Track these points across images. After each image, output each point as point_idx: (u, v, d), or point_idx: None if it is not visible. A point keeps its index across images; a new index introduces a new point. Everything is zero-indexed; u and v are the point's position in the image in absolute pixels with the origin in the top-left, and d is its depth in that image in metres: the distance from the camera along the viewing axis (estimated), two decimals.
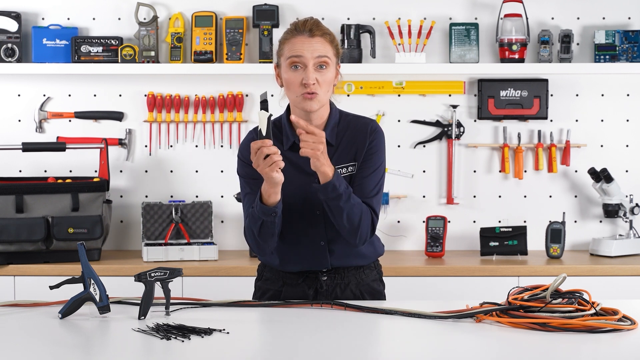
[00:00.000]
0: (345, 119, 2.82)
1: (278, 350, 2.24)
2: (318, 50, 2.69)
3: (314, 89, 2.68)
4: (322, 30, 2.73)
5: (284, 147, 2.77)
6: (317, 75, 2.69)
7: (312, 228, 2.77)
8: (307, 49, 2.69)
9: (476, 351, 2.27)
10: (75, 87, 4.25)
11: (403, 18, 4.21)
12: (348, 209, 2.68)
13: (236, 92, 4.24)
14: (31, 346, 2.28)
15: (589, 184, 4.27)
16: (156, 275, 2.56)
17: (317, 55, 2.69)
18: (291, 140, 2.77)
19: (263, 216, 2.67)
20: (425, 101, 4.28)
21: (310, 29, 2.71)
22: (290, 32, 2.74)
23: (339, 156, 2.77)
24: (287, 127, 2.79)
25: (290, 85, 2.72)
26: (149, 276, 2.55)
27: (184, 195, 4.26)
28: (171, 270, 2.58)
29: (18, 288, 3.80)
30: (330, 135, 2.76)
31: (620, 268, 3.89)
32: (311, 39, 2.70)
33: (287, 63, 2.71)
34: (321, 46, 2.70)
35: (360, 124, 2.81)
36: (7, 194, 3.89)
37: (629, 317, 2.42)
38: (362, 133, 2.79)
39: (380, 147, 2.80)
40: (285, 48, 2.73)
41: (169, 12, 4.24)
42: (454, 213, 4.29)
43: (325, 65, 2.70)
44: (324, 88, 2.70)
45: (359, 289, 2.85)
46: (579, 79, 4.29)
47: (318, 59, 2.69)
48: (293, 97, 2.74)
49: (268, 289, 2.87)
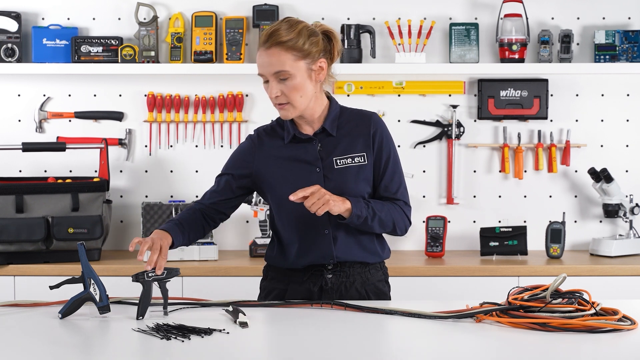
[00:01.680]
0: (346, 112, 2.86)
1: (278, 350, 2.24)
2: (273, 65, 2.70)
3: (280, 100, 2.73)
4: (278, 37, 2.71)
5: (285, 141, 2.82)
6: (281, 87, 2.72)
7: (316, 217, 2.75)
8: (264, 65, 2.72)
9: (476, 351, 2.27)
10: (75, 87, 4.25)
11: (403, 18, 4.21)
12: (378, 222, 2.77)
13: (236, 92, 4.24)
14: (31, 346, 2.28)
15: (589, 184, 4.27)
16: (153, 275, 2.56)
17: (273, 69, 2.71)
18: (291, 134, 2.82)
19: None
20: (425, 101, 4.29)
21: (265, 41, 2.73)
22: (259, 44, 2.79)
23: (344, 147, 2.80)
24: (287, 123, 2.83)
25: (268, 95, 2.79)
26: (146, 276, 2.56)
27: (184, 195, 4.26)
28: (169, 270, 2.58)
29: (18, 288, 3.80)
30: (331, 126, 2.80)
31: (620, 268, 3.89)
32: (267, 51, 2.72)
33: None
34: (276, 59, 2.70)
35: (362, 115, 2.86)
36: (7, 194, 3.89)
37: (629, 317, 2.42)
38: (365, 123, 2.83)
39: (386, 135, 2.84)
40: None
41: (169, 12, 4.24)
42: (454, 213, 4.29)
43: (285, 77, 2.71)
44: (292, 96, 2.72)
45: (364, 288, 2.85)
46: (579, 79, 4.29)
47: (275, 74, 2.71)
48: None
49: (273, 288, 2.88)
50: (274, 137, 2.85)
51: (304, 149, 2.80)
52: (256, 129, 2.91)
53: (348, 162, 2.78)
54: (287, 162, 2.80)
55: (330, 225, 2.78)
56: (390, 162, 2.83)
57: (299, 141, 2.81)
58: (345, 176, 2.77)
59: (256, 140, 2.87)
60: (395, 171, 2.85)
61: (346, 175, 2.77)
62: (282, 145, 2.82)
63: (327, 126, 2.80)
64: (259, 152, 2.84)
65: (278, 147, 2.83)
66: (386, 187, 2.83)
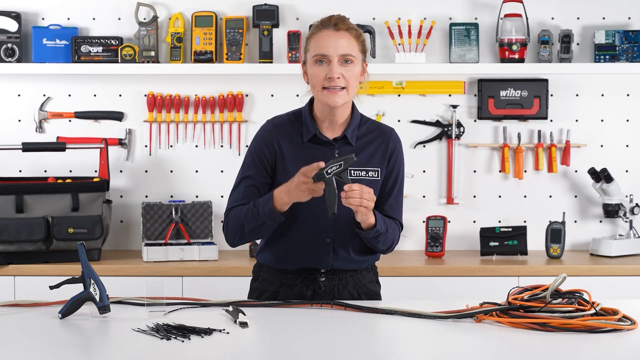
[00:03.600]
0: (365, 122, 2.84)
1: (278, 350, 2.24)
2: (342, 45, 2.70)
3: (338, 82, 2.69)
4: (348, 25, 2.74)
5: (304, 139, 2.78)
6: (342, 70, 2.70)
7: (321, 223, 2.75)
8: (332, 44, 2.70)
9: (476, 351, 2.27)
10: (75, 87, 4.25)
11: (403, 18, 4.21)
12: (384, 239, 2.77)
13: (236, 92, 4.24)
14: (31, 346, 2.28)
15: (589, 184, 4.27)
16: (334, 170, 2.56)
17: (342, 51, 2.70)
18: (312, 133, 2.78)
19: (267, 219, 2.68)
20: (425, 101, 4.29)
21: (336, 24, 2.73)
22: (316, 28, 2.77)
23: (362, 159, 2.77)
24: (308, 120, 2.79)
25: (314, 79, 2.73)
26: (326, 173, 2.55)
27: (184, 195, 4.26)
28: (345, 160, 2.57)
29: (18, 288, 3.80)
30: (352, 135, 2.79)
31: (620, 268, 3.89)
32: (336, 33, 2.71)
33: (313, 59, 2.73)
34: (346, 41, 2.71)
35: (382, 129, 2.84)
36: (7, 194, 3.89)
37: (629, 317, 2.42)
38: (385, 139, 2.82)
39: (401, 155, 2.85)
40: (311, 44, 2.75)
41: (169, 12, 4.24)
42: (454, 213, 4.29)
43: (350, 60, 2.71)
44: (352, 81, 2.71)
45: (356, 290, 2.85)
46: (579, 79, 4.29)
47: (343, 55, 2.70)
48: (317, 92, 2.74)
49: (265, 289, 2.86)
50: (291, 131, 2.79)
51: (321, 152, 2.76)
52: (270, 120, 2.84)
53: (362, 175, 2.77)
54: (303, 161, 2.71)
55: (332, 234, 2.77)
56: (398, 183, 2.84)
57: (317, 142, 2.77)
58: None
59: (272, 128, 2.80)
60: (400, 191, 2.86)
61: None
62: (300, 142, 2.78)
63: (348, 134, 2.77)
64: (278, 137, 2.78)
65: (296, 143, 2.78)
66: (391, 207, 2.83)
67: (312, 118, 2.79)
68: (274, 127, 2.81)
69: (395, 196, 2.84)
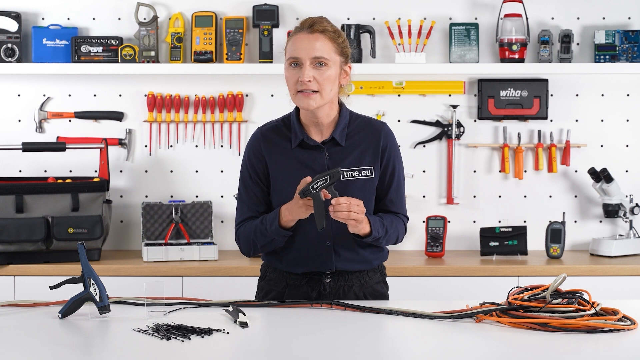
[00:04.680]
0: (355, 120, 2.82)
1: (278, 350, 2.24)
2: (315, 48, 2.68)
3: (310, 86, 2.68)
4: (324, 27, 2.71)
5: (292, 145, 2.77)
6: (314, 73, 2.68)
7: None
8: (303, 47, 2.68)
9: (476, 351, 2.27)
10: (75, 87, 4.25)
11: (403, 18, 4.21)
12: (386, 239, 2.79)
13: (236, 92, 4.24)
14: (31, 346, 2.28)
15: (589, 184, 4.27)
16: (319, 185, 2.58)
17: (314, 54, 2.68)
18: (300, 138, 2.77)
19: (276, 236, 2.71)
20: (425, 101, 4.28)
21: (311, 25, 2.70)
22: (294, 30, 2.76)
23: (353, 159, 2.77)
24: (296, 126, 2.79)
25: (288, 82, 2.73)
26: (312, 189, 2.57)
27: (184, 195, 4.26)
28: (330, 175, 2.59)
29: (18, 288, 3.80)
30: (340, 136, 2.77)
31: (620, 268, 3.89)
32: (310, 36, 2.69)
33: (287, 62, 2.73)
34: (320, 44, 2.69)
35: (372, 126, 2.82)
36: (7, 194, 3.88)
37: (629, 317, 2.42)
38: (375, 135, 2.80)
39: (395, 149, 2.83)
40: (288, 46, 2.74)
41: (169, 12, 4.24)
42: (454, 213, 4.29)
43: (324, 63, 2.69)
44: (324, 84, 2.69)
45: (362, 291, 2.84)
46: (579, 79, 4.29)
47: (315, 57, 2.68)
48: (292, 96, 2.74)
49: (271, 289, 2.86)
50: (280, 137, 2.80)
51: (311, 156, 2.76)
52: (259, 128, 2.85)
53: (355, 175, 2.76)
54: (294, 168, 2.74)
55: (332, 237, 2.77)
56: (396, 177, 2.82)
57: (306, 147, 2.77)
58: (351, 188, 2.74)
59: (260, 137, 2.81)
60: (399, 184, 2.84)
61: (352, 187, 2.75)
62: (290, 148, 2.78)
63: (336, 136, 2.76)
64: (267, 147, 2.79)
65: (285, 149, 2.78)
66: (392, 201, 2.83)
67: (300, 123, 2.79)
68: (262, 135, 2.81)
69: (395, 190, 2.83)
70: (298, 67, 2.69)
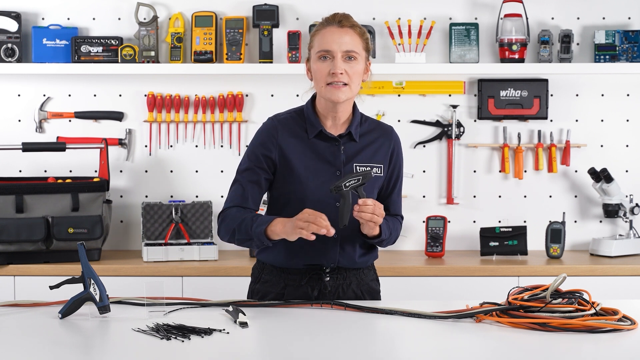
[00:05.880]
0: (365, 121, 2.87)
1: (278, 350, 2.24)
2: (346, 42, 2.73)
3: (341, 78, 2.72)
4: (352, 22, 2.78)
5: (309, 135, 2.79)
6: (345, 67, 2.72)
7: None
8: (335, 40, 2.73)
9: (476, 351, 2.27)
10: (75, 87, 4.25)
11: (403, 18, 4.21)
12: (387, 241, 2.84)
13: (236, 92, 4.24)
14: (31, 346, 2.28)
15: (589, 184, 4.27)
16: (352, 184, 2.61)
17: (345, 47, 2.72)
18: (318, 129, 2.79)
19: (256, 238, 2.70)
20: (425, 101, 4.29)
21: (340, 20, 2.76)
22: (320, 24, 2.79)
23: (367, 155, 2.82)
24: (312, 117, 2.81)
25: (318, 75, 2.75)
26: (344, 187, 2.60)
27: (184, 195, 4.26)
28: (363, 175, 2.62)
29: (18, 288, 3.80)
30: (355, 131, 2.82)
31: (620, 268, 3.89)
32: (340, 30, 2.74)
33: (317, 55, 2.75)
34: (349, 38, 2.74)
35: (382, 127, 2.89)
36: (7, 194, 3.88)
37: (629, 317, 2.42)
38: (386, 137, 2.87)
39: (401, 154, 2.91)
40: (316, 40, 2.77)
41: (169, 12, 4.24)
42: (454, 213, 4.29)
43: (354, 57, 2.73)
44: (354, 78, 2.74)
45: (359, 288, 2.87)
46: (579, 79, 4.29)
47: (346, 51, 2.72)
48: (320, 88, 2.76)
49: (268, 291, 2.85)
50: (297, 126, 2.81)
51: (328, 148, 2.79)
52: (273, 116, 2.85)
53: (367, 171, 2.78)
54: (310, 158, 2.78)
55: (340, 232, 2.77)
56: (399, 180, 2.90)
57: (323, 139, 2.79)
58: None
59: (277, 124, 2.81)
60: (400, 187, 2.92)
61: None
62: (306, 138, 2.79)
63: (352, 130, 2.80)
64: (283, 134, 2.79)
65: (301, 139, 2.79)
66: (394, 203, 2.90)
67: (315, 114, 2.81)
68: (279, 122, 2.82)
69: (397, 194, 2.91)
70: (328, 60, 2.73)
